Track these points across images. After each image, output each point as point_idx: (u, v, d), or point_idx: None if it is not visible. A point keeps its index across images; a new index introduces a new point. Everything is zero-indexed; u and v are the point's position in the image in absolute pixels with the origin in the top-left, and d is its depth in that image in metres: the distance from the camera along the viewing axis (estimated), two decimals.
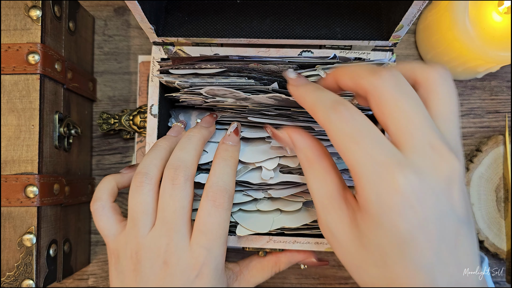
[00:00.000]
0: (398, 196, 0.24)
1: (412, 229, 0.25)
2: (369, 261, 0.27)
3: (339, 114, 0.27)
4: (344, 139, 0.26)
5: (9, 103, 0.39)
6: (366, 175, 0.25)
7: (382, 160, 0.25)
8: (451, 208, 0.25)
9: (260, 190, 0.38)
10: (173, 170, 0.34)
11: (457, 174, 0.25)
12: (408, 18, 0.34)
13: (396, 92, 0.26)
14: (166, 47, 0.40)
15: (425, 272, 0.25)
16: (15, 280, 0.38)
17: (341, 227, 0.28)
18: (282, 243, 0.39)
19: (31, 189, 0.38)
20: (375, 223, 0.26)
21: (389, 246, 0.25)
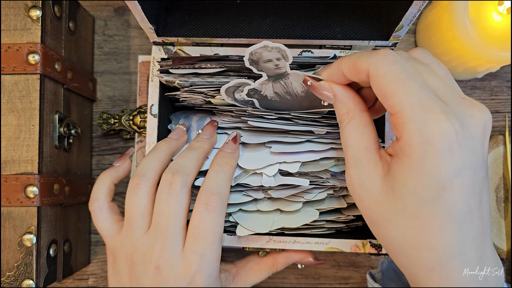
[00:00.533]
0: (444, 140, 0.25)
1: (451, 175, 0.25)
2: (401, 211, 0.27)
3: (383, 57, 0.28)
4: (391, 80, 0.27)
5: (9, 103, 0.39)
6: (413, 115, 0.26)
7: (428, 103, 0.26)
8: (482, 157, 0.26)
9: (260, 190, 0.38)
10: (171, 174, 0.33)
11: (488, 125, 0.27)
12: (408, 18, 0.34)
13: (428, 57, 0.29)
14: (166, 47, 0.40)
15: (455, 223, 0.26)
16: (15, 280, 0.38)
17: (374, 179, 0.28)
18: (282, 243, 0.38)
19: (31, 189, 0.38)
20: (416, 168, 0.26)
21: (426, 192, 0.26)
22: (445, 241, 0.26)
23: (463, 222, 0.26)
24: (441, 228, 0.26)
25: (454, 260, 0.26)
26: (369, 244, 0.39)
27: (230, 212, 0.38)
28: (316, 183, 0.37)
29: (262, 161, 0.37)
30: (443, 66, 0.30)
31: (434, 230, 0.26)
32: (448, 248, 0.26)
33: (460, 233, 0.26)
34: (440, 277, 0.26)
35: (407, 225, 0.27)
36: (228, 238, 0.39)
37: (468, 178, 0.25)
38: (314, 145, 0.36)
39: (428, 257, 0.26)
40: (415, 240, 0.27)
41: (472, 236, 0.26)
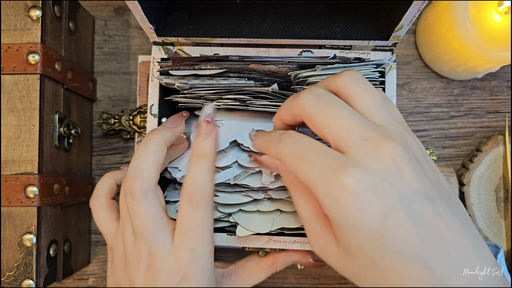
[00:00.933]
0: (351, 195, 0.25)
1: (380, 220, 0.25)
2: (362, 266, 0.27)
3: (284, 142, 0.29)
4: (293, 162, 0.28)
5: (9, 103, 0.39)
6: (317, 184, 0.26)
7: (327, 165, 0.26)
8: (409, 189, 0.26)
9: (260, 191, 0.38)
10: (129, 183, 0.32)
11: (400, 156, 0.26)
12: (408, 18, 0.34)
13: (318, 105, 0.28)
14: (166, 47, 0.40)
15: (414, 259, 0.25)
16: (15, 280, 0.38)
17: (330, 244, 0.29)
18: (282, 243, 0.38)
19: (31, 189, 0.38)
20: (345, 228, 0.26)
21: (368, 244, 0.26)
22: (413, 279, 0.25)
23: (424, 256, 0.25)
24: (403, 270, 0.25)
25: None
26: None
27: (230, 212, 0.38)
28: None
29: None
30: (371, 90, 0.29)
31: (397, 272, 0.26)
32: (422, 283, 0.25)
33: (426, 267, 0.25)
34: None
35: (373, 276, 0.27)
36: (228, 238, 0.38)
37: (402, 215, 0.25)
38: None
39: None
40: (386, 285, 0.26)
41: (444, 265, 0.25)
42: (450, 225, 0.26)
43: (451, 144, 0.50)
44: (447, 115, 0.50)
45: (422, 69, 0.51)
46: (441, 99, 0.50)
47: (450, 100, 0.50)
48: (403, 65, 0.51)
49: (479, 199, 0.48)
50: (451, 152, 0.50)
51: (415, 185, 0.26)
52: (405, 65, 0.51)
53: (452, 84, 0.51)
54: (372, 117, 0.28)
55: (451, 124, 0.50)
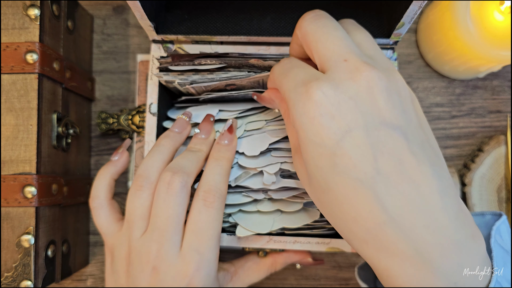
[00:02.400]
0: (314, 107, 0.25)
1: (337, 138, 0.25)
2: (319, 188, 0.27)
3: (279, 64, 0.31)
4: (279, 78, 0.29)
5: (7, 103, 0.39)
6: (289, 96, 0.27)
7: (302, 79, 0.27)
8: (379, 116, 0.25)
9: (261, 191, 0.37)
10: (171, 174, 0.33)
11: (377, 82, 0.25)
12: (409, 16, 0.34)
13: (314, 23, 0.28)
14: (165, 45, 0.40)
15: (365, 187, 0.24)
16: (14, 281, 0.38)
17: (302, 167, 0.29)
18: (283, 243, 0.38)
19: (29, 189, 0.38)
20: (305, 140, 0.26)
21: (322, 162, 0.25)
22: (365, 210, 0.24)
23: (376, 186, 0.24)
24: (353, 196, 0.25)
25: (385, 229, 0.24)
26: None
27: (230, 212, 0.37)
28: None
29: (263, 161, 0.36)
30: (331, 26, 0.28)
31: (348, 200, 0.25)
32: (372, 216, 0.24)
33: (377, 198, 0.24)
34: (376, 250, 0.25)
35: (329, 201, 0.26)
36: (228, 238, 0.38)
37: (361, 137, 0.24)
38: None
39: (357, 230, 0.25)
40: (340, 214, 0.26)
41: (398, 201, 0.24)
42: (419, 164, 0.24)
43: (453, 144, 0.50)
44: (448, 114, 0.50)
45: (423, 69, 0.51)
46: (442, 98, 0.50)
47: (452, 100, 0.50)
48: (404, 65, 0.51)
49: (480, 200, 0.47)
50: (452, 152, 0.50)
51: (386, 114, 0.25)
52: (406, 64, 0.51)
53: (453, 83, 0.50)
54: (365, 49, 0.28)
55: (453, 124, 0.50)
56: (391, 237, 0.24)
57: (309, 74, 0.27)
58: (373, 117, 0.25)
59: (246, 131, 0.37)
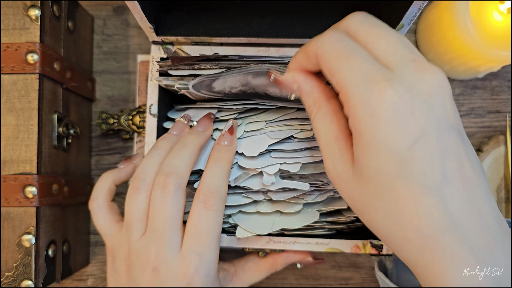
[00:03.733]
0: (389, 108, 0.24)
1: (410, 144, 0.24)
2: (375, 194, 0.25)
3: (327, 37, 0.27)
4: (334, 59, 0.26)
5: (8, 103, 0.39)
6: (356, 92, 0.25)
7: (371, 75, 0.25)
8: (447, 119, 0.24)
9: (260, 192, 0.37)
10: (164, 177, 0.32)
11: (446, 85, 0.25)
12: (408, 17, 0.34)
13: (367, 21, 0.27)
14: (165, 46, 0.40)
15: (433, 193, 0.24)
16: (14, 281, 0.38)
17: (347, 167, 0.27)
18: (282, 243, 0.38)
19: (29, 189, 0.38)
20: (370, 144, 0.25)
21: (389, 168, 0.24)
22: (427, 217, 0.24)
23: (443, 192, 0.24)
24: (418, 204, 0.24)
25: (443, 237, 0.24)
26: (370, 244, 0.39)
27: (229, 213, 0.37)
28: (317, 185, 0.37)
29: (263, 161, 0.36)
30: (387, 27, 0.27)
31: (412, 207, 0.24)
32: (434, 223, 0.24)
33: (443, 204, 0.24)
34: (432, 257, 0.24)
35: (385, 207, 0.25)
36: (228, 238, 0.38)
37: (432, 143, 0.24)
38: (314, 152, 0.36)
39: (415, 238, 0.24)
40: (397, 221, 0.25)
41: (461, 206, 0.24)
42: (473, 167, 0.25)
43: None
44: None
45: None
46: None
47: None
48: None
49: None
50: None
51: (452, 117, 0.24)
52: None
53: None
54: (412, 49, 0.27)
55: None
56: (451, 242, 0.24)
57: (377, 68, 0.25)
58: (443, 121, 0.24)
59: (246, 131, 0.37)
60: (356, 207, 0.28)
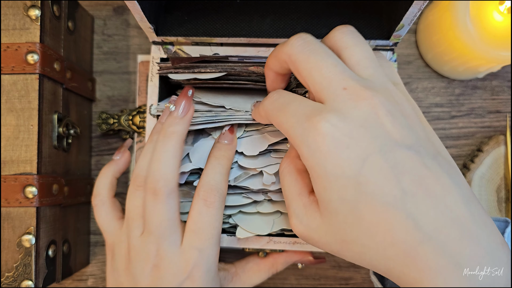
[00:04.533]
0: (326, 140, 0.25)
1: (358, 167, 0.24)
2: (345, 226, 0.26)
3: (269, 99, 0.30)
4: (276, 115, 0.29)
5: (8, 103, 0.39)
6: (295, 133, 0.26)
7: (304, 113, 0.26)
8: (390, 138, 0.25)
9: (260, 192, 0.37)
10: (153, 184, 0.32)
11: (380, 105, 0.25)
12: (408, 18, 0.34)
13: (304, 52, 0.28)
14: (165, 46, 0.40)
15: (397, 209, 0.24)
16: (14, 281, 0.38)
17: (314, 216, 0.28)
18: (282, 243, 0.38)
19: (30, 190, 0.38)
20: (324, 179, 0.25)
21: (348, 194, 0.25)
22: (398, 231, 0.24)
23: (406, 206, 0.24)
24: (387, 221, 0.24)
25: (424, 248, 0.24)
26: None
27: (229, 214, 0.37)
28: None
29: (263, 161, 0.36)
30: (363, 45, 0.28)
31: (382, 225, 0.24)
32: (407, 238, 0.24)
33: (410, 217, 0.24)
34: (417, 270, 0.24)
35: (359, 234, 0.25)
36: (228, 238, 0.38)
37: (380, 162, 0.24)
38: None
39: (395, 254, 0.25)
40: (374, 243, 0.25)
41: (430, 217, 0.24)
42: (438, 177, 0.25)
43: (452, 144, 0.50)
44: (448, 115, 0.50)
45: (423, 69, 0.51)
46: (442, 99, 0.50)
47: (451, 100, 0.50)
48: (403, 65, 0.51)
49: (480, 200, 0.47)
50: (452, 152, 0.50)
51: (397, 135, 0.25)
52: (405, 64, 0.51)
53: (453, 83, 0.50)
54: (360, 71, 0.27)
55: (452, 124, 0.50)
56: (431, 255, 0.24)
57: (309, 107, 0.26)
58: (385, 141, 0.25)
59: (246, 131, 0.37)
60: (336, 250, 0.28)
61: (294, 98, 0.28)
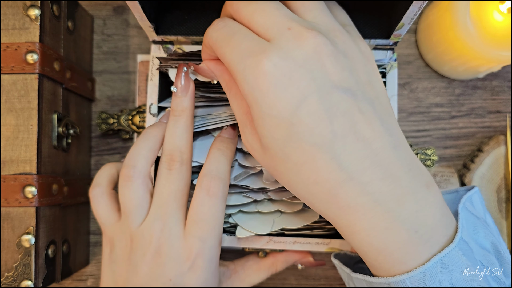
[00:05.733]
0: (266, 79, 0.25)
1: (293, 108, 0.25)
2: (275, 160, 0.27)
3: (213, 27, 0.29)
4: (220, 45, 0.28)
5: (8, 103, 0.39)
6: (238, 69, 0.26)
7: (248, 49, 0.26)
8: (329, 80, 0.25)
9: (261, 192, 0.37)
10: (169, 156, 0.33)
11: (322, 46, 0.25)
12: (409, 17, 0.34)
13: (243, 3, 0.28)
14: (165, 45, 0.40)
15: (324, 150, 0.25)
16: (14, 281, 0.38)
17: (255, 137, 0.29)
18: (282, 243, 0.38)
19: (29, 189, 0.38)
20: (260, 115, 0.26)
21: (279, 134, 0.26)
22: (324, 171, 0.25)
23: (334, 148, 0.25)
24: (312, 161, 0.25)
25: (345, 188, 0.25)
26: None
27: (229, 213, 0.37)
28: None
29: None
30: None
31: (307, 165, 0.26)
32: (329, 177, 0.25)
33: (335, 159, 0.25)
34: (339, 208, 0.26)
35: (286, 169, 0.27)
36: (228, 238, 0.38)
37: (315, 104, 0.25)
38: None
39: (318, 191, 0.26)
40: (301, 180, 0.26)
41: (355, 159, 0.25)
42: (369, 122, 0.26)
43: (452, 144, 0.50)
44: (448, 115, 0.50)
45: (423, 69, 0.51)
46: (442, 99, 0.50)
47: (451, 100, 0.50)
48: (404, 65, 0.51)
49: None
50: (452, 152, 0.50)
51: (335, 77, 0.25)
52: (406, 64, 0.51)
53: (453, 84, 0.50)
54: (305, 13, 0.28)
55: (452, 124, 0.50)
56: (351, 193, 0.25)
57: (254, 43, 0.26)
58: (324, 82, 0.25)
59: None
60: (272, 173, 0.29)
61: (240, 29, 0.28)
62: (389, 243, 0.26)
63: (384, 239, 0.26)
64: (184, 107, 0.34)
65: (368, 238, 0.26)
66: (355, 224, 0.26)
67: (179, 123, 0.34)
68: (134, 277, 0.32)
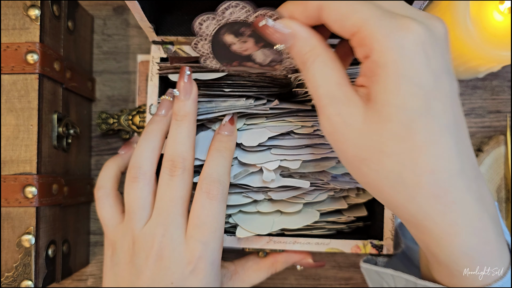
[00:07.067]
0: (416, 40, 0.23)
1: (434, 80, 0.24)
2: (393, 135, 0.24)
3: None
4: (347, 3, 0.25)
5: (8, 103, 0.39)
6: (380, 24, 0.24)
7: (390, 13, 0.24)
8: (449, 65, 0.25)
9: (260, 192, 0.37)
10: (171, 162, 0.33)
11: (448, 33, 0.26)
12: None
13: None
14: (165, 46, 0.40)
15: (450, 134, 0.24)
16: (14, 281, 0.38)
17: (355, 111, 0.25)
18: (282, 243, 0.38)
19: (29, 189, 0.38)
20: (396, 77, 0.24)
21: (413, 103, 0.23)
22: (445, 159, 0.24)
23: (456, 135, 0.24)
24: (438, 145, 0.24)
25: (456, 181, 0.24)
26: (370, 244, 0.39)
27: (230, 213, 0.37)
28: (317, 184, 0.37)
29: (262, 158, 0.36)
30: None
31: (432, 148, 0.24)
32: (449, 167, 0.24)
33: (456, 147, 0.24)
34: (445, 204, 0.24)
35: (401, 149, 0.24)
36: (228, 238, 0.38)
37: (447, 84, 0.24)
38: (315, 149, 0.36)
39: (429, 182, 0.24)
40: (413, 165, 0.24)
41: (465, 150, 0.24)
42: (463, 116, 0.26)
43: None
44: None
45: None
46: None
47: None
48: None
49: None
50: None
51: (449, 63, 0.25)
52: None
53: None
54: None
55: None
56: (461, 187, 0.24)
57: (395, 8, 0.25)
58: (449, 65, 0.25)
59: (246, 124, 0.37)
60: (361, 156, 0.26)
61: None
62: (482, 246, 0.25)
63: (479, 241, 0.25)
64: (186, 112, 0.34)
65: (467, 239, 0.25)
66: (457, 224, 0.24)
67: (182, 128, 0.34)
68: (137, 281, 0.32)
